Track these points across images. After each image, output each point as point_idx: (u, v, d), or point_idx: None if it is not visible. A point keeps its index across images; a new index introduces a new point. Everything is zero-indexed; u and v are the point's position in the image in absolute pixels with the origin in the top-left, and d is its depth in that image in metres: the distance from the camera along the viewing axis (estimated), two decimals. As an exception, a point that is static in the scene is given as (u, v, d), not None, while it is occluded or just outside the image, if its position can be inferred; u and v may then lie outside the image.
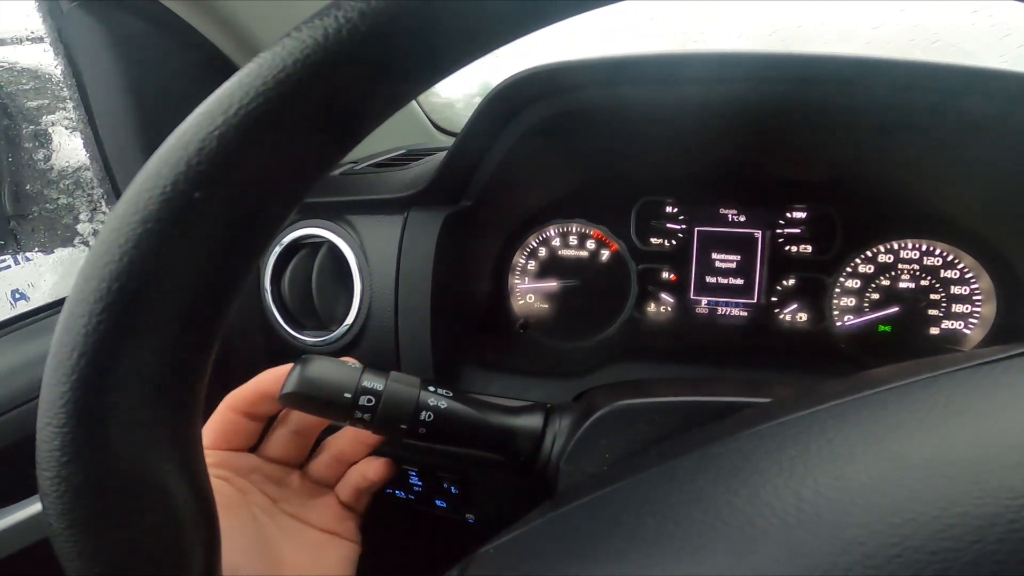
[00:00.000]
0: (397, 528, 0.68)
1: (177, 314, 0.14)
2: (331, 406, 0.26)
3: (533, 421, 0.28)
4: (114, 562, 0.15)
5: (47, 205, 0.49)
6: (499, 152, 0.39)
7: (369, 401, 0.26)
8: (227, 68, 0.43)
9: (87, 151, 0.43)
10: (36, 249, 0.51)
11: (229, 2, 0.38)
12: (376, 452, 0.48)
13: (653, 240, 0.48)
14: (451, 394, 0.28)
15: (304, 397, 0.25)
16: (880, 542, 0.11)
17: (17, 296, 0.98)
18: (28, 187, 0.49)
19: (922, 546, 0.11)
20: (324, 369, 0.26)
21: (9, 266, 0.48)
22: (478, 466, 0.43)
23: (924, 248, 0.43)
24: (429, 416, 0.27)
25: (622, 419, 0.25)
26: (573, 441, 0.26)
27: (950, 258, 0.43)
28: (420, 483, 0.50)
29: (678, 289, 0.48)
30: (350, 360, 0.28)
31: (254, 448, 0.30)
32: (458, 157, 0.39)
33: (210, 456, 0.28)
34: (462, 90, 0.70)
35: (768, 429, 0.15)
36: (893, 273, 0.44)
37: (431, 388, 0.28)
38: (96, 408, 0.14)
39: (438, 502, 0.52)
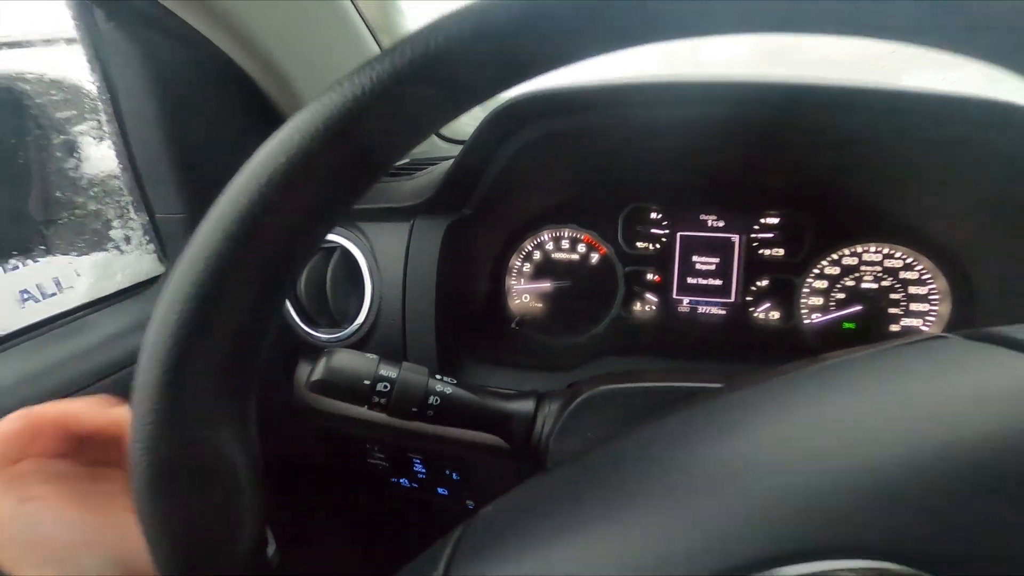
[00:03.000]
0: (401, 518, 0.72)
1: (245, 311, 0.18)
2: (352, 392, 0.29)
3: (526, 406, 0.32)
4: (183, 518, 0.19)
5: (76, 211, 0.52)
6: (497, 166, 0.43)
7: (385, 387, 0.30)
8: (246, 84, 0.46)
9: (119, 162, 0.46)
10: (65, 252, 0.55)
11: (250, 27, 0.41)
12: (388, 440, 0.52)
13: (639, 244, 0.51)
14: (455, 382, 0.32)
15: (329, 384, 0.29)
16: (784, 482, 0.15)
17: (26, 296, 1.00)
18: (58, 194, 0.52)
19: (809, 483, 0.15)
20: (346, 360, 0.30)
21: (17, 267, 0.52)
22: (478, 452, 0.46)
23: (885, 252, 0.47)
24: (436, 400, 0.30)
25: (602, 402, 0.29)
26: (560, 422, 0.30)
27: (909, 261, 0.47)
28: (424, 471, 0.54)
29: (661, 289, 0.52)
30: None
31: None
32: (460, 171, 0.43)
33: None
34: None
35: (710, 405, 0.19)
36: (857, 274, 0.48)
37: (438, 377, 0.31)
38: (180, 388, 0.18)
39: (440, 490, 0.56)
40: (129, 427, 0.19)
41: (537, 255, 0.53)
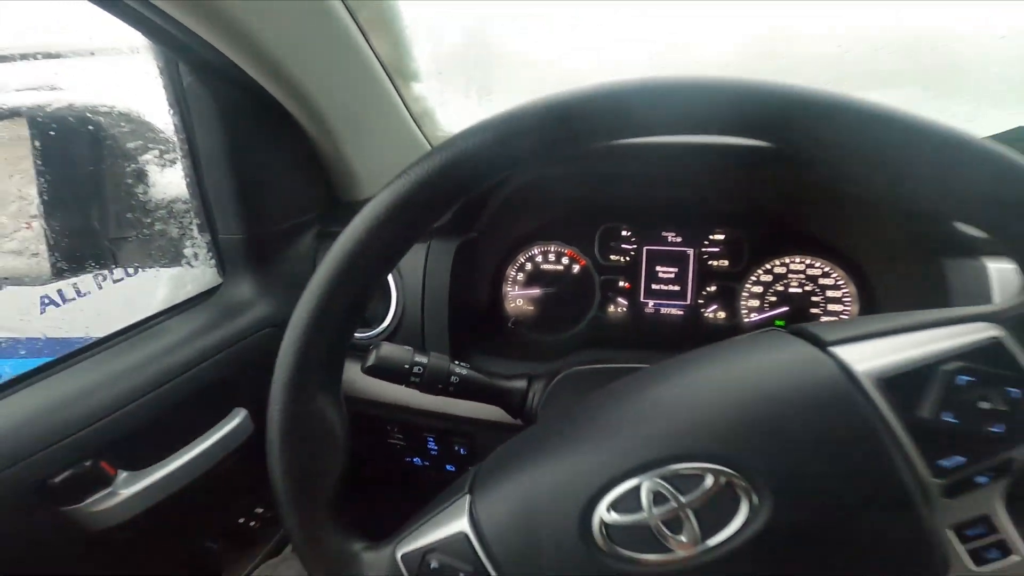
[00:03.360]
0: (412, 497, 0.82)
1: (350, 297, 0.29)
2: (396, 373, 0.40)
3: (520, 384, 0.43)
4: (299, 457, 0.30)
5: (144, 230, 0.62)
6: (498, 199, 0.54)
7: (419, 370, 0.41)
8: (296, 131, 0.57)
9: (190, 189, 0.56)
10: (133, 266, 0.65)
11: (305, 87, 0.52)
12: (407, 420, 0.62)
13: (612, 256, 0.63)
14: (469, 366, 0.43)
15: (379, 368, 0.40)
16: (659, 428, 0.26)
17: (47, 301, 1.09)
18: (128, 215, 0.62)
19: (671, 421, 0.26)
20: (390, 350, 0.41)
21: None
22: (483, 427, 0.57)
23: (807, 263, 0.59)
24: (456, 379, 0.41)
25: (575, 381, 0.40)
26: (545, 396, 0.41)
27: (826, 270, 0.59)
28: (436, 448, 0.64)
29: (631, 294, 0.63)
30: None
31: None
32: (468, 204, 0.54)
33: None
34: (464, 126, 0.84)
35: (629, 379, 0.30)
36: (785, 281, 0.59)
37: (456, 362, 0.43)
38: (301, 359, 0.29)
39: (448, 467, 0.67)
40: (270, 395, 0.30)
41: (529, 266, 0.64)
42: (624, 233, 0.62)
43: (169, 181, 0.61)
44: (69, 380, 0.47)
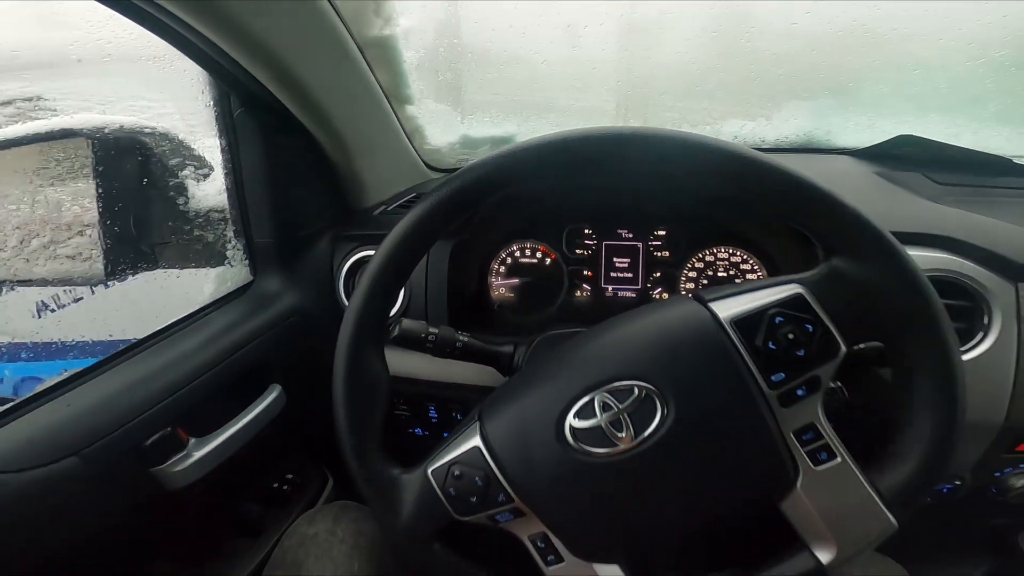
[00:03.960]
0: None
1: (387, 288, 0.43)
2: (415, 340, 0.53)
3: (508, 348, 0.57)
4: (356, 407, 0.43)
5: (183, 236, 0.73)
6: (486, 206, 0.67)
7: (432, 338, 0.54)
8: (317, 152, 0.68)
9: (229, 199, 0.67)
10: (173, 267, 0.75)
11: (329, 111, 0.63)
12: (412, 390, 0.74)
13: (577, 251, 0.76)
14: (469, 335, 0.56)
15: (403, 337, 0.53)
16: (603, 361, 0.40)
17: (41, 307, 1.17)
18: (170, 223, 0.73)
19: (606, 359, 0.40)
20: (410, 324, 0.54)
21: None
22: (478, 392, 0.70)
23: (730, 252, 0.73)
24: (460, 344, 0.55)
25: (550, 342, 0.54)
26: (527, 355, 0.55)
27: (744, 257, 0.73)
28: (436, 416, 0.77)
29: (593, 281, 0.77)
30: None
31: None
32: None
33: None
34: (445, 139, 0.96)
35: (589, 330, 0.44)
36: (714, 267, 0.74)
37: (459, 333, 0.56)
38: (357, 331, 0.42)
39: (446, 434, 0.79)
40: (336, 352, 0.43)
41: (509, 261, 0.78)
42: (587, 232, 0.76)
43: (206, 194, 0.72)
44: (147, 361, 0.57)
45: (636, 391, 0.39)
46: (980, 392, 0.55)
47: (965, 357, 0.55)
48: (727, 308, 0.40)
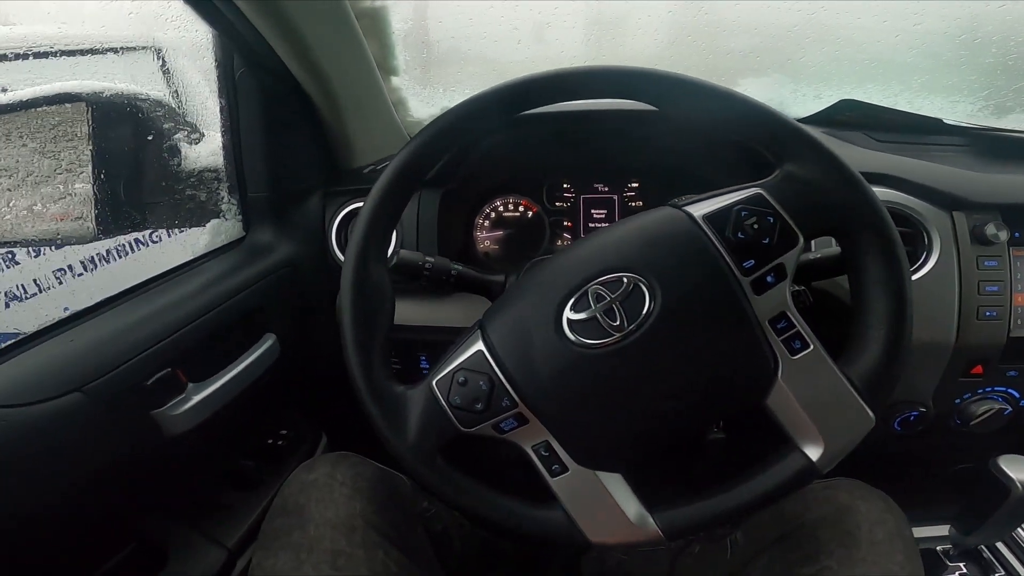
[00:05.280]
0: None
1: (385, 227, 0.47)
2: (413, 268, 0.56)
3: (500, 277, 0.60)
4: (364, 314, 0.46)
5: (176, 196, 0.75)
6: (470, 159, 0.72)
7: (429, 266, 0.57)
8: (311, 113, 0.71)
9: (224, 155, 0.70)
10: (165, 226, 0.77)
11: (327, 74, 0.66)
12: (403, 339, 0.77)
13: (557, 204, 0.81)
14: (462, 265, 0.60)
15: (402, 265, 0.56)
16: (595, 256, 0.45)
17: (9, 298, 1.15)
18: (163, 183, 0.75)
19: (593, 257, 0.45)
20: (408, 253, 0.57)
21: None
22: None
23: (698, 200, 0.80)
24: (455, 272, 0.58)
25: (538, 264, 0.59)
26: (517, 281, 0.59)
27: (711, 205, 0.80)
28: (427, 365, 0.80)
29: (573, 231, 0.81)
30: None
31: None
32: (447, 163, 0.71)
33: None
34: (427, 111, 1.00)
35: (583, 237, 0.49)
36: None
37: (453, 262, 0.59)
38: (361, 253, 0.46)
39: None
40: (343, 264, 0.46)
41: (493, 215, 0.82)
42: (565, 186, 0.81)
43: (198, 155, 0.75)
44: (146, 303, 0.58)
45: (625, 281, 0.42)
46: (929, 311, 0.62)
47: (913, 278, 0.62)
48: (699, 209, 0.45)
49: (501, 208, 0.82)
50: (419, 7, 0.93)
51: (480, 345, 0.43)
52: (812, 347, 0.41)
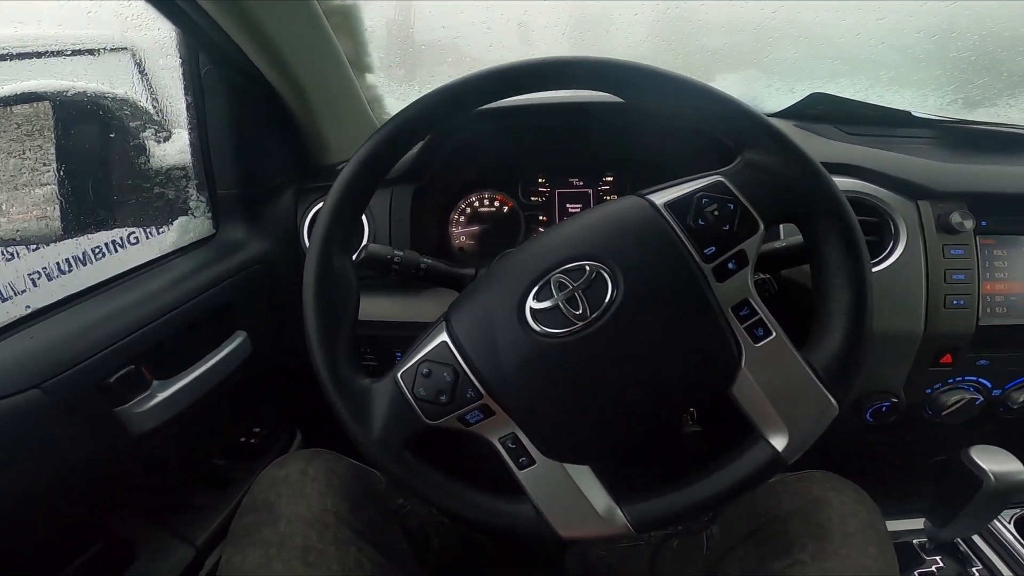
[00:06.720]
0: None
1: (348, 220, 0.46)
2: (381, 262, 0.56)
3: (471, 271, 0.60)
4: (326, 303, 0.45)
5: (143, 194, 0.73)
6: (443, 153, 0.71)
7: (398, 260, 0.56)
8: (282, 111, 0.71)
9: (192, 153, 0.69)
10: (132, 225, 0.75)
11: (297, 72, 0.66)
12: (377, 335, 0.76)
13: (532, 199, 0.81)
14: (432, 259, 0.59)
15: (370, 258, 0.56)
16: (558, 246, 0.45)
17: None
18: (130, 182, 0.73)
19: (562, 245, 0.45)
20: (376, 247, 0.56)
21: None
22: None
23: (672, 194, 0.81)
24: (424, 266, 0.57)
25: (506, 257, 0.58)
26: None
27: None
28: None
29: (548, 226, 0.82)
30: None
31: None
32: (419, 157, 0.71)
33: None
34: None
35: (548, 228, 0.49)
36: None
37: (423, 256, 0.59)
38: (325, 246, 0.45)
39: None
40: (307, 257, 0.45)
41: (468, 211, 0.82)
42: (540, 181, 0.81)
43: (165, 153, 0.74)
44: (111, 299, 0.57)
45: (587, 269, 0.42)
46: (897, 300, 0.62)
47: (879, 267, 0.63)
48: (661, 197, 0.44)
49: (476, 203, 0.81)
50: (392, 5, 0.93)
51: (444, 336, 0.43)
52: (775, 334, 0.41)
